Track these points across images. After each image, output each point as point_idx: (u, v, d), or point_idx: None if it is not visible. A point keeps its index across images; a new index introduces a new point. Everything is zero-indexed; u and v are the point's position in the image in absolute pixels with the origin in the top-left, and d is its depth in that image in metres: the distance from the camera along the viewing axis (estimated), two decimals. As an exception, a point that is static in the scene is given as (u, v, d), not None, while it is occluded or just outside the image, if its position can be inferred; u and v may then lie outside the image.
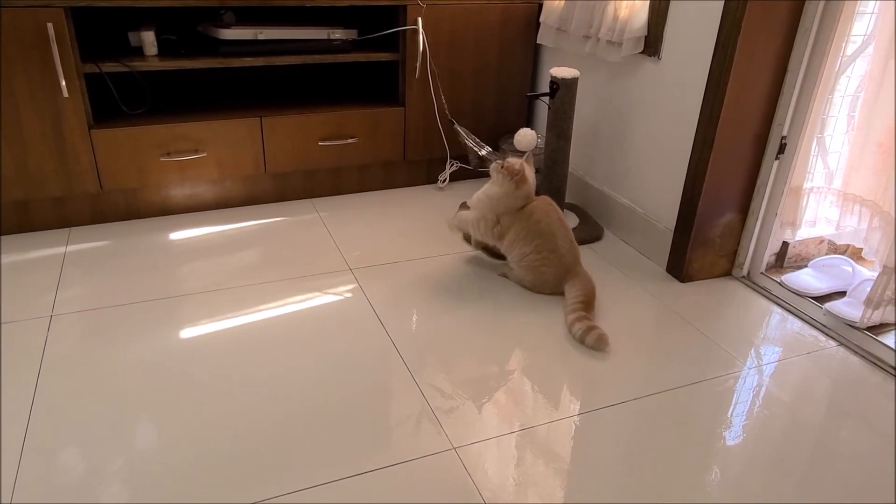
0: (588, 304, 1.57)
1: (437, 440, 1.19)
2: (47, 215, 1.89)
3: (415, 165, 2.29)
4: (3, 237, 1.84)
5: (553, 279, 1.64)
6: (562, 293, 1.64)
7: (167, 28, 2.04)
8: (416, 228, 2.01)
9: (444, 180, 2.33)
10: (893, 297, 1.45)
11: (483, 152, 1.70)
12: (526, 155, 1.69)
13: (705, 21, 1.60)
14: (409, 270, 1.77)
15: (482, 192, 1.69)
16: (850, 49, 1.58)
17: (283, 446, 1.17)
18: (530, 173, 1.66)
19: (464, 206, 2.13)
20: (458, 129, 1.89)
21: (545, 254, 1.63)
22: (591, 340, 1.46)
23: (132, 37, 1.94)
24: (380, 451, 1.16)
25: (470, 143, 1.85)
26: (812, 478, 1.15)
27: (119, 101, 1.96)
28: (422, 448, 1.17)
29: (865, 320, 1.48)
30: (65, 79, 1.71)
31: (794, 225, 1.72)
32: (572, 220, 2.04)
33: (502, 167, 1.63)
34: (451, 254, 1.86)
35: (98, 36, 2.02)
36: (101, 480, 1.08)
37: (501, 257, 1.77)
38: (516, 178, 1.62)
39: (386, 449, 1.17)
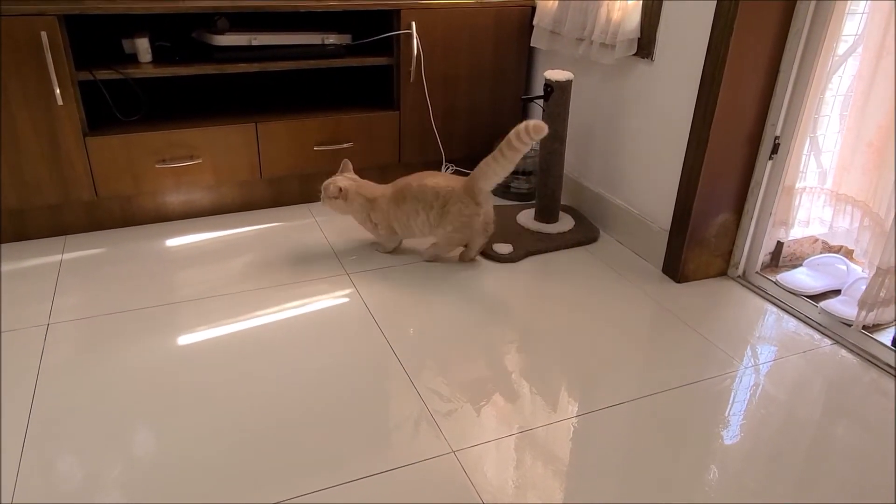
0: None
1: (437, 443, 1.19)
2: (43, 223, 1.89)
3: (410, 168, 2.29)
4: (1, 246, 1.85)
5: (465, 210, 1.70)
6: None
7: (161, 35, 2.04)
8: (413, 232, 2.01)
9: (440, 183, 2.33)
10: (888, 298, 1.46)
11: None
12: (342, 167, 1.85)
13: (698, 23, 1.61)
14: (405, 273, 1.77)
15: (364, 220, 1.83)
16: (842, 49, 1.59)
17: (283, 452, 1.17)
18: (345, 181, 1.78)
19: None
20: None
21: (434, 202, 1.71)
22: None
23: (126, 44, 1.94)
24: (379, 455, 1.17)
25: None
26: (810, 475, 1.16)
27: (114, 108, 1.96)
28: (421, 452, 1.17)
29: (860, 321, 1.49)
30: (59, 87, 1.71)
31: (788, 224, 1.73)
32: (567, 222, 2.04)
33: (332, 196, 1.77)
34: (448, 257, 1.86)
35: (92, 43, 2.02)
36: (100, 487, 1.08)
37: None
38: (340, 195, 1.77)
39: (385, 453, 1.17)
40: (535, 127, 1.60)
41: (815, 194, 1.72)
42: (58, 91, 1.71)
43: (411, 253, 1.88)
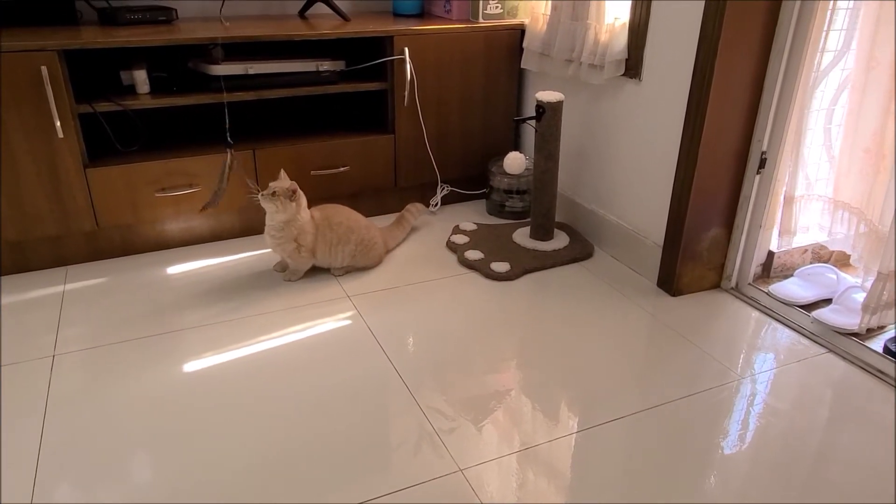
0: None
1: (443, 462, 1.21)
2: (44, 255, 1.90)
3: (406, 191, 2.33)
4: (1, 278, 1.85)
5: (382, 245, 1.98)
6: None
7: (158, 66, 2.07)
8: (410, 253, 2.04)
9: (436, 204, 2.37)
10: (890, 301, 1.50)
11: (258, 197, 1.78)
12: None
13: (683, 43, 1.66)
14: (406, 295, 1.80)
15: (277, 235, 1.79)
16: (823, 65, 1.64)
17: (290, 475, 1.18)
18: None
19: (456, 229, 2.17)
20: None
21: (367, 236, 1.90)
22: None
23: (124, 76, 1.97)
24: (387, 476, 1.18)
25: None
26: (812, 485, 1.18)
27: (113, 139, 1.98)
28: (428, 471, 1.19)
29: (864, 324, 1.54)
30: (59, 120, 1.74)
31: (791, 232, 1.77)
32: (562, 240, 2.08)
33: (275, 193, 1.74)
34: (446, 277, 1.89)
35: (91, 76, 2.04)
36: (113, 518, 1.09)
37: None
38: (293, 197, 1.76)
39: (393, 474, 1.19)
40: (417, 207, 2.17)
41: (806, 203, 1.76)
42: (58, 124, 1.74)
43: (408, 276, 1.91)
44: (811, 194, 1.76)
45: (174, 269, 1.91)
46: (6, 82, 1.67)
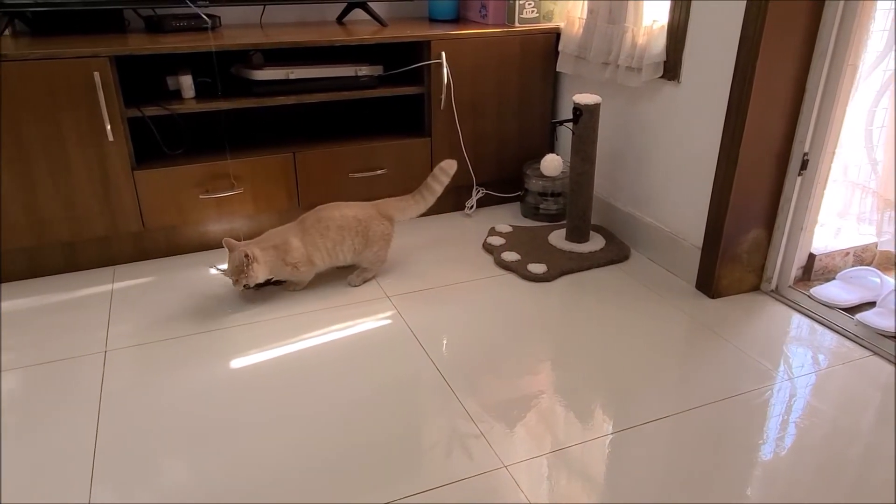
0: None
1: (488, 458, 1.23)
2: (92, 254, 1.96)
3: (443, 194, 2.35)
4: (52, 277, 1.92)
5: (386, 230, 1.88)
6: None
7: (201, 71, 2.12)
8: (448, 255, 2.06)
9: (472, 207, 2.39)
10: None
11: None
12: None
13: (723, 45, 1.66)
14: (445, 295, 1.82)
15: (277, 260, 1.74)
16: (866, 67, 1.63)
17: (338, 471, 1.21)
18: (247, 249, 1.70)
19: (492, 231, 2.18)
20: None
21: (358, 228, 1.82)
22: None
23: (170, 81, 2.03)
24: (431, 471, 1.20)
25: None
26: (857, 488, 1.17)
27: (161, 142, 2.04)
28: (473, 467, 1.21)
29: None
30: (110, 123, 1.79)
31: (842, 215, 1.74)
32: (598, 242, 2.08)
33: (237, 281, 1.69)
34: (483, 278, 1.91)
35: (137, 82, 2.11)
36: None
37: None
38: (250, 261, 1.68)
39: (437, 469, 1.21)
40: (446, 165, 1.92)
41: (862, 194, 1.74)
42: (109, 128, 1.79)
43: (445, 277, 1.93)
44: (867, 187, 1.74)
45: (217, 269, 1.96)
46: (61, 88, 1.73)
